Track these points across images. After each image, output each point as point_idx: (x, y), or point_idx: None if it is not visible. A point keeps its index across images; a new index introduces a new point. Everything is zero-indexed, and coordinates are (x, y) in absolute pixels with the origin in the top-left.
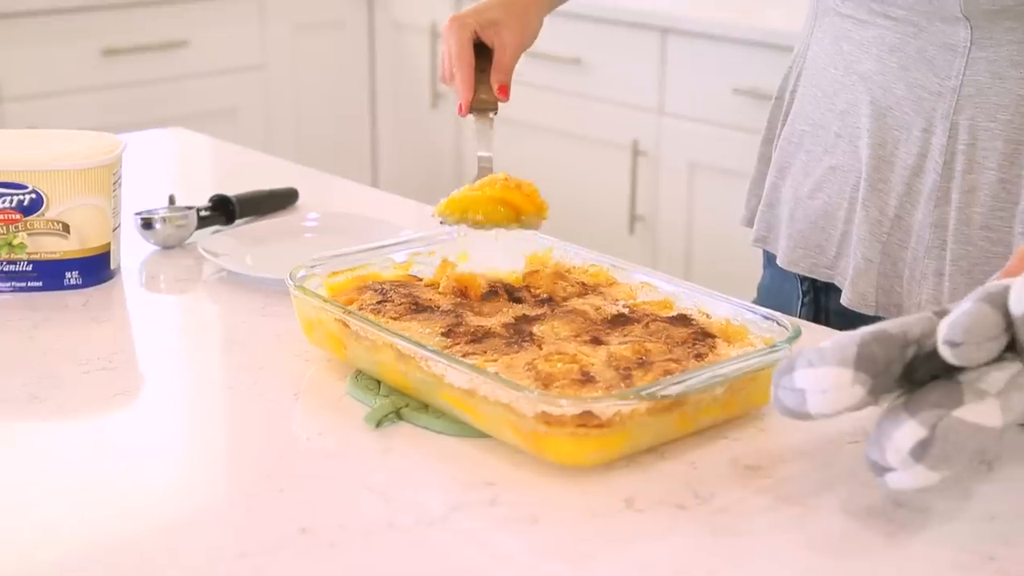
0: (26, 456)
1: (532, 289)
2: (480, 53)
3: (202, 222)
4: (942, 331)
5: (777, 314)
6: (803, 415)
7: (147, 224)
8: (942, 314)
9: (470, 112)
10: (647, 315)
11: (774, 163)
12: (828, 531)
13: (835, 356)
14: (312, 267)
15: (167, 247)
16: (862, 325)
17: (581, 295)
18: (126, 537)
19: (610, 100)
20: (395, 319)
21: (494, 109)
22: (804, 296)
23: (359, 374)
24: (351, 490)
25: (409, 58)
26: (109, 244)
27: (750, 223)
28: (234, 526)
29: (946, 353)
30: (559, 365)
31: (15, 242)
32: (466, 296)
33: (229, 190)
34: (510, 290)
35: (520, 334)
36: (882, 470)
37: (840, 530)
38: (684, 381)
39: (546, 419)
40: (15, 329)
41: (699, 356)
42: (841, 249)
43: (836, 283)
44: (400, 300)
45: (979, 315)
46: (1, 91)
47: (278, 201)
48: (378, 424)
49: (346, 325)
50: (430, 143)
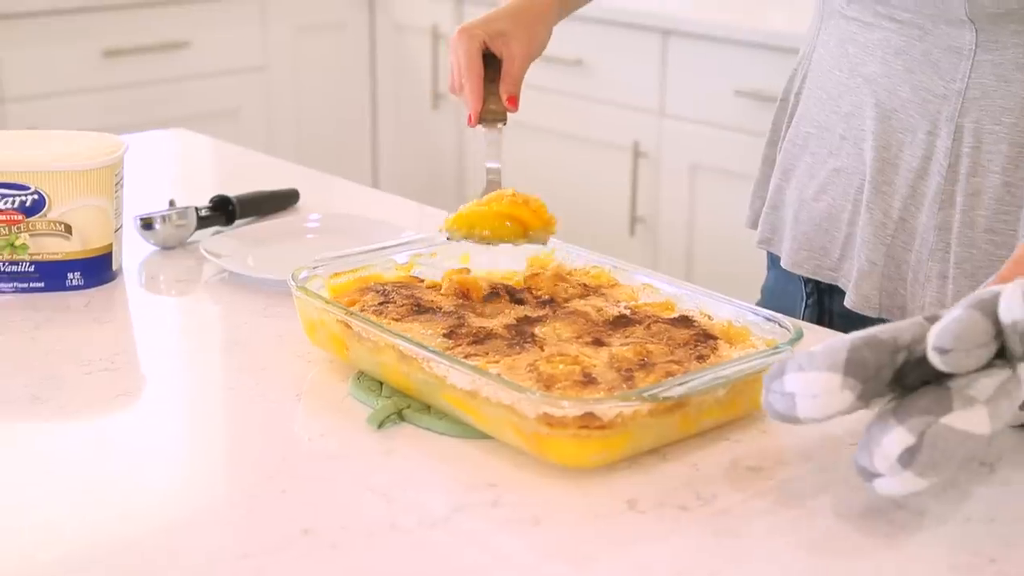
0: (27, 457)
1: (534, 291)
2: (489, 64)
3: (202, 223)
4: (932, 337)
5: (779, 316)
6: (792, 419)
7: (147, 225)
8: (933, 320)
9: (479, 123)
10: (649, 317)
11: (778, 165)
12: (829, 533)
13: (825, 361)
14: (314, 268)
15: (168, 248)
16: (866, 327)
17: (582, 296)
18: (127, 538)
19: (611, 101)
20: (397, 320)
21: (503, 120)
22: (808, 298)
23: (361, 375)
24: (353, 491)
25: (410, 59)
26: (111, 245)
27: (754, 225)
28: (236, 527)
29: (935, 359)
30: (561, 366)
31: (17, 243)
32: (468, 297)
33: (230, 191)
34: (511, 292)
35: (522, 335)
36: (871, 475)
37: (841, 532)
38: (686, 383)
39: (548, 420)
40: (17, 330)
41: (701, 358)
42: (845, 251)
43: (840, 285)
44: (402, 301)
45: (969, 322)
46: (3, 92)
47: (279, 202)
48: (380, 425)
49: (348, 326)
50: (431, 144)
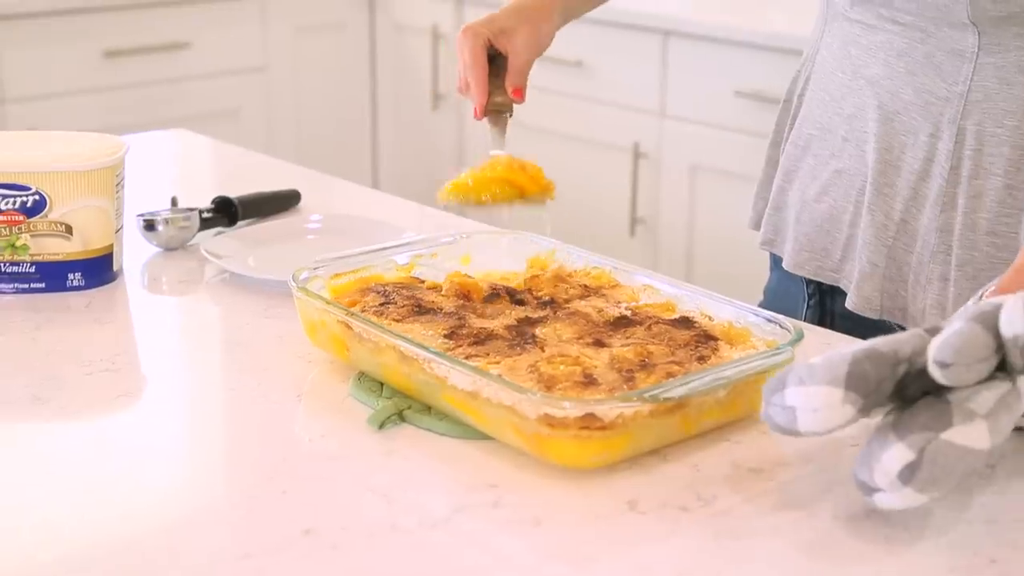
0: (28, 457)
1: (534, 292)
2: (495, 62)
3: (204, 224)
4: (933, 351)
5: (780, 317)
6: (793, 432)
7: (149, 226)
8: (934, 332)
9: (485, 116)
10: (649, 317)
11: (781, 166)
12: (829, 534)
13: (826, 375)
14: (315, 269)
15: (169, 249)
16: (867, 328)
17: (583, 297)
18: (128, 538)
19: (612, 102)
20: (398, 321)
21: (509, 111)
22: (810, 299)
23: (362, 376)
24: (354, 492)
25: (410, 60)
26: (112, 246)
27: (757, 226)
28: (236, 527)
29: (936, 373)
30: (562, 367)
31: (18, 243)
32: (469, 298)
33: (231, 192)
34: (512, 293)
35: (523, 336)
36: (870, 490)
37: (841, 533)
38: (687, 383)
39: (549, 421)
40: (18, 330)
41: (702, 359)
42: (847, 253)
43: (841, 287)
44: (403, 302)
45: (970, 335)
46: (3, 92)
47: (280, 203)
48: (381, 426)
49: (349, 327)
50: (431, 144)
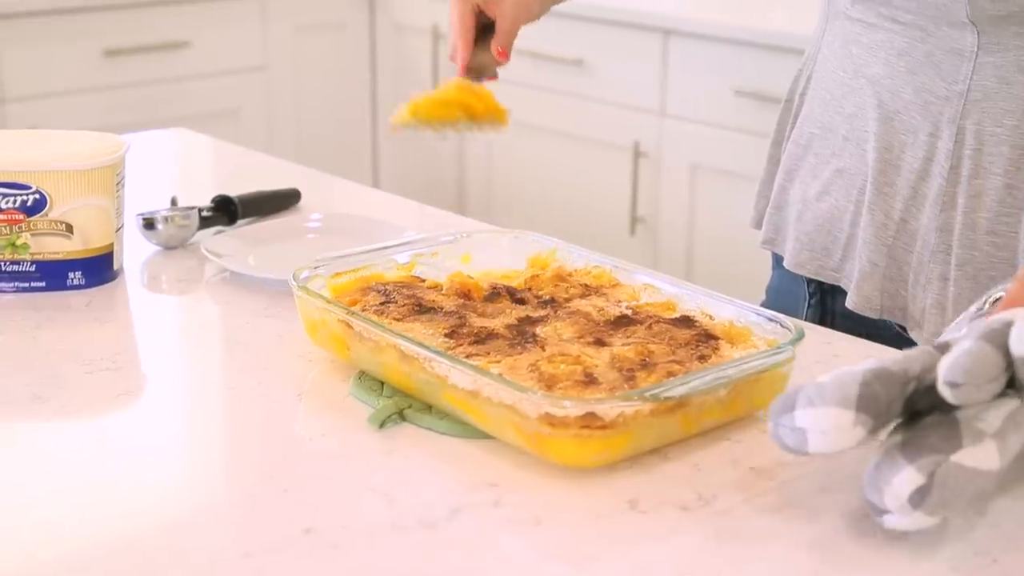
0: (29, 456)
1: (535, 291)
2: (489, 31)
3: (204, 223)
4: (943, 371)
5: (781, 316)
6: (802, 453)
7: (149, 224)
8: (943, 348)
9: (467, 74)
10: (650, 317)
11: (782, 165)
12: (831, 533)
13: (836, 396)
14: (315, 268)
15: (169, 248)
16: (867, 327)
17: (584, 296)
18: (128, 537)
19: (611, 101)
20: (398, 320)
21: (492, 73)
22: (811, 298)
23: (362, 375)
24: (354, 491)
25: (410, 59)
26: (112, 244)
27: (758, 225)
28: (237, 526)
29: (946, 393)
30: (562, 366)
31: (18, 242)
32: (469, 297)
33: (231, 191)
34: (512, 292)
35: (523, 335)
36: (880, 512)
37: (843, 533)
38: (687, 383)
39: (550, 420)
40: (18, 329)
41: (702, 358)
42: (847, 252)
43: (842, 286)
44: (403, 301)
45: (980, 355)
46: (3, 91)
47: (280, 202)
48: (381, 425)
49: (349, 326)
50: (431, 144)
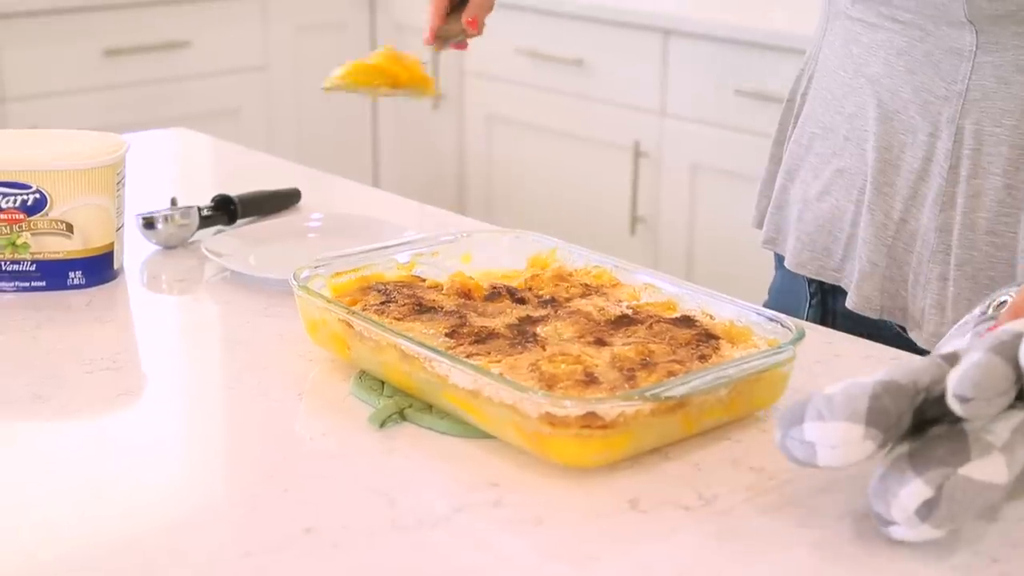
0: (29, 456)
1: (535, 291)
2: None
3: (204, 222)
4: (952, 384)
5: (781, 316)
6: (811, 466)
7: (149, 224)
8: (951, 359)
9: (435, 40)
10: (651, 316)
11: (784, 165)
12: (831, 533)
13: (845, 410)
14: (316, 267)
15: (169, 247)
16: (868, 327)
17: (584, 296)
18: (128, 537)
19: (612, 101)
20: (399, 320)
21: (460, 42)
22: (812, 298)
23: (363, 374)
24: (355, 491)
25: None
26: (112, 244)
27: (760, 224)
28: (237, 526)
29: (956, 407)
30: (563, 366)
31: (19, 242)
32: (469, 297)
33: (231, 190)
34: (512, 291)
35: (524, 335)
36: (886, 523)
37: (842, 532)
38: (688, 382)
39: (550, 420)
40: (18, 329)
41: (703, 357)
42: (848, 252)
43: (843, 286)
44: (404, 301)
45: (989, 368)
46: (4, 91)
47: (280, 201)
48: (382, 424)
49: (350, 325)
50: (431, 144)
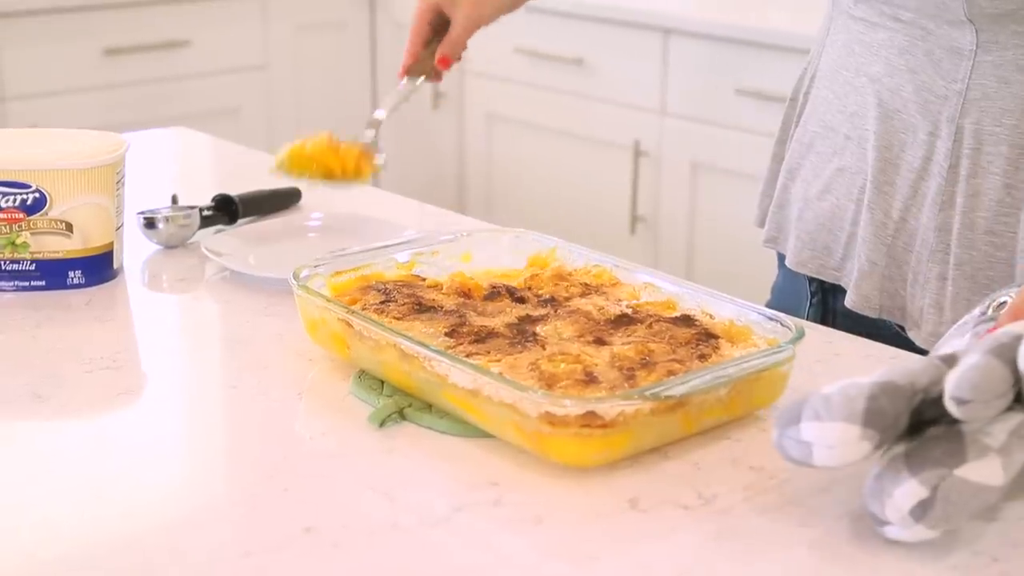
0: (28, 455)
1: (535, 290)
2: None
3: (205, 222)
4: (950, 386)
5: (781, 315)
6: (808, 466)
7: (150, 223)
8: (949, 361)
9: (408, 74)
10: (650, 316)
11: (785, 164)
12: (830, 532)
13: (842, 411)
14: (315, 267)
15: (169, 246)
16: (868, 326)
17: (584, 295)
18: (128, 536)
19: (612, 100)
20: (398, 319)
21: (433, 76)
22: (812, 297)
23: (362, 374)
24: (354, 490)
25: None
26: (112, 243)
27: (762, 223)
28: (237, 525)
29: (954, 409)
30: (563, 365)
31: (18, 241)
32: (469, 296)
33: (231, 190)
34: (512, 291)
35: (523, 334)
36: (880, 522)
37: (842, 531)
38: (688, 382)
39: (550, 419)
40: (18, 328)
41: (703, 357)
42: (848, 251)
43: (843, 285)
44: (403, 300)
45: (987, 370)
46: (4, 90)
47: (281, 201)
48: (381, 424)
49: (349, 325)
50: (431, 144)
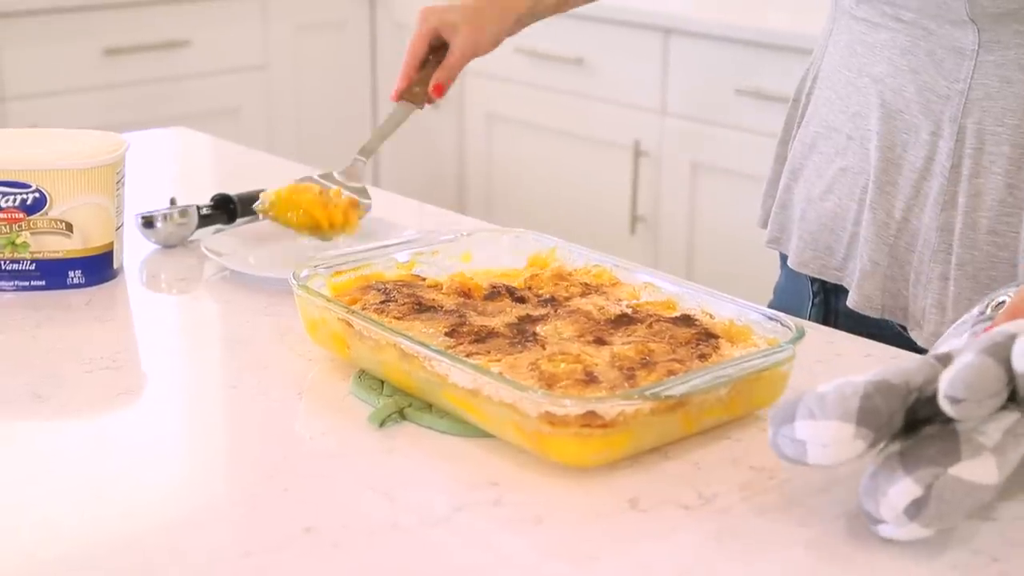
0: (28, 455)
1: (535, 290)
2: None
3: (203, 221)
4: (944, 385)
5: (781, 315)
6: (802, 464)
7: (149, 223)
8: (944, 360)
9: (399, 98)
10: (650, 315)
11: (788, 164)
12: (830, 532)
13: (836, 409)
14: (315, 267)
15: (168, 246)
16: (870, 327)
17: (584, 295)
18: (128, 536)
19: (612, 100)
20: (399, 319)
21: (420, 104)
22: (814, 297)
23: (362, 374)
24: (355, 490)
25: None
26: (112, 243)
27: (765, 224)
28: (237, 525)
29: (947, 408)
30: (563, 365)
31: (18, 241)
32: (469, 296)
33: (231, 189)
34: (512, 290)
35: (523, 334)
36: (875, 521)
37: (842, 531)
38: (688, 381)
39: (550, 419)
40: (18, 328)
41: (703, 356)
42: (850, 251)
43: (845, 285)
44: (403, 300)
45: (981, 369)
46: (4, 90)
47: None
48: (382, 424)
49: (349, 325)
50: (431, 143)
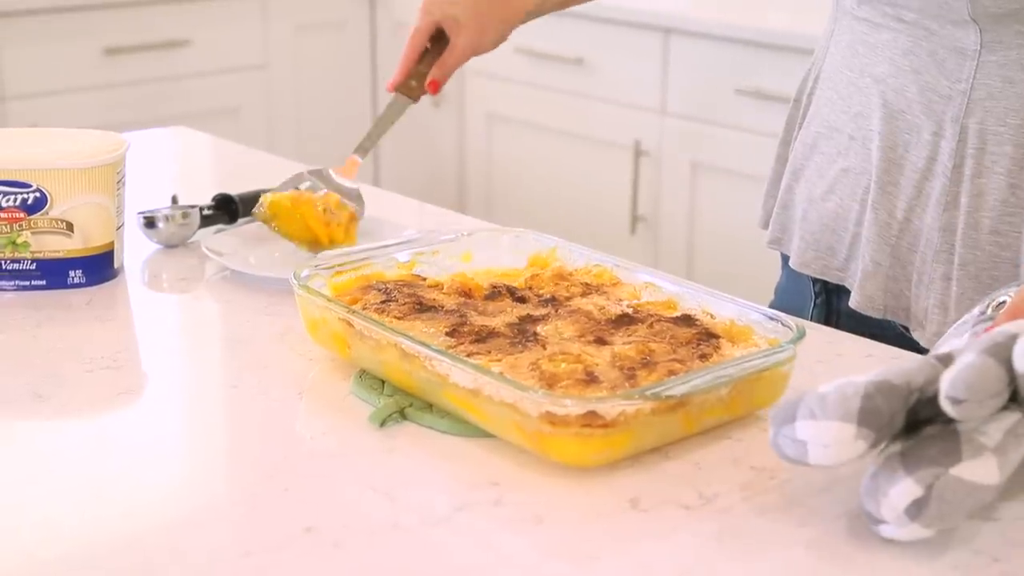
0: (28, 455)
1: (535, 290)
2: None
3: (205, 221)
4: (945, 385)
5: (782, 315)
6: (803, 464)
7: (150, 223)
8: (945, 360)
9: (394, 90)
10: (651, 315)
11: (789, 165)
12: (830, 532)
13: (837, 410)
14: (316, 266)
15: (169, 246)
16: (872, 327)
17: (584, 295)
18: (129, 536)
19: (612, 100)
20: (399, 319)
21: (415, 98)
22: (816, 297)
23: (363, 373)
24: (355, 490)
25: None
26: (113, 243)
27: (767, 224)
28: (237, 525)
29: (948, 408)
30: (563, 365)
31: (19, 241)
32: (470, 296)
33: (232, 189)
34: (513, 290)
35: (524, 334)
36: (876, 521)
37: (842, 531)
38: (688, 381)
39: (551, 419)
40: (18, 328)
41: (703, 356)
42: (852, 251)
43: (847, 285)
44: (404, 300)
45: (982, 369)
46: (4, 89)
47: None
48: (382, 424)
49: (350, 324)
50: (431, 143)
